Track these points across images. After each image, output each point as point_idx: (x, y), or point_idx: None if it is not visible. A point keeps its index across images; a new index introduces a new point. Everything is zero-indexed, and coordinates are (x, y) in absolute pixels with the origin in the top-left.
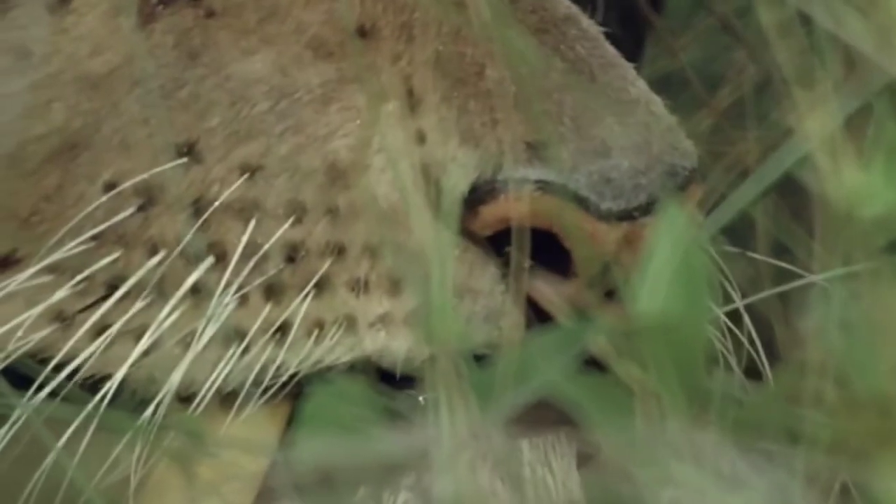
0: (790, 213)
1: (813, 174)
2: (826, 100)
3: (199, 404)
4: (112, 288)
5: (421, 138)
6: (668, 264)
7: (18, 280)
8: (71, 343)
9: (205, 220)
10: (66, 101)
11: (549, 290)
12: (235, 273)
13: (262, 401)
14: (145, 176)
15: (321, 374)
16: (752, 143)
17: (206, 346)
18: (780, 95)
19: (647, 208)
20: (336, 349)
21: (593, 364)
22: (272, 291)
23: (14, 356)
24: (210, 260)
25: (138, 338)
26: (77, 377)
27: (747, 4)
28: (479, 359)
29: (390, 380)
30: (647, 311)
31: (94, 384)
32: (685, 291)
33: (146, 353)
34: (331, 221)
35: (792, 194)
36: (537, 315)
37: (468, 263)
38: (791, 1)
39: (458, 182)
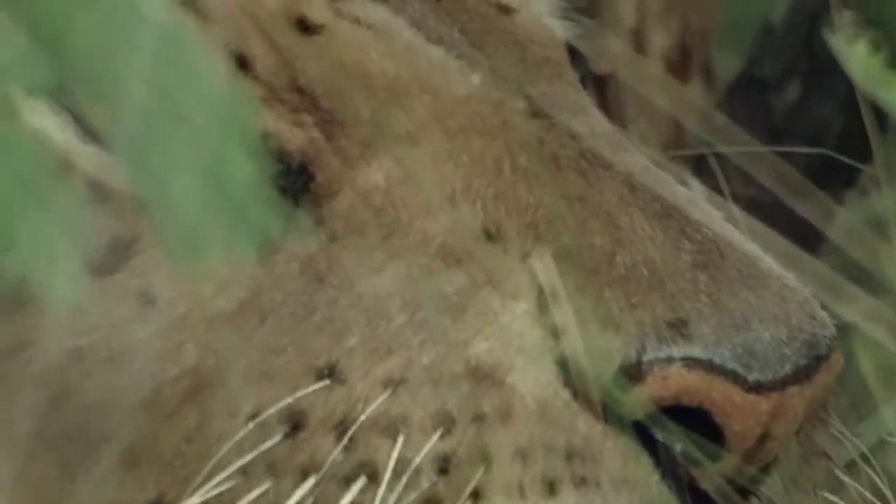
0: None
1: None
2: None
3: None
4: None
5: (560, 332)
6: None
7: None
8: None
9: (353, 440)
10: (197, 341)
11: (705, 471)
12: (389, 490)
13: None
14: (289, 400)
15: None
16: None
17: None
18: None
19: (793, 378)
20: None
21: None
22: None
23: None
24: (362, 480)
25: None
26: None
27: None
28: None
29: None
30: None
31: None
32: None
33: None
34: (479, 428)
35: None
36: (696, 497)
37: (620, 453)
38: None
39: (602, 370)
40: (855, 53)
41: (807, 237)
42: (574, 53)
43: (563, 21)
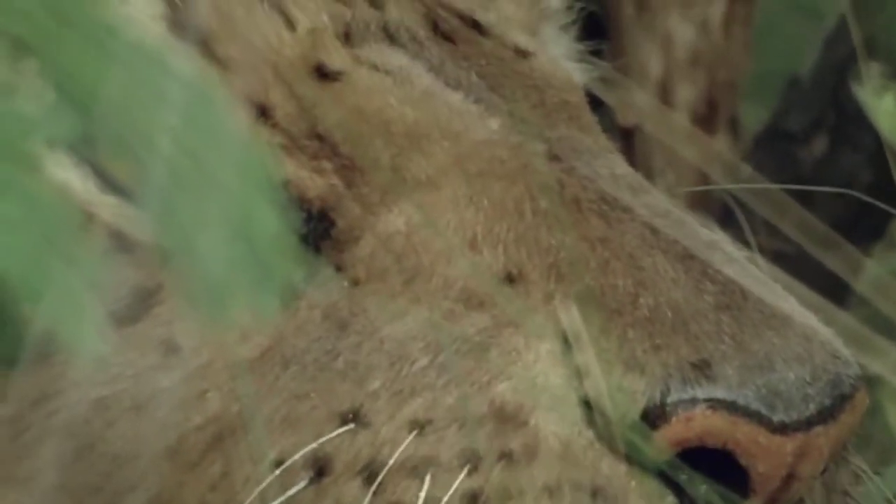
0: None
1: None
2: None
3: None
4: None
5: (584, 372)
6: None
7: None
8: None
9: (380, 483)
10: (221, 389)
11: None
12: None
13: None
14: (314, 446)
15: None
16: None
17: None
18: None
19: (818, 418)
20: None
21: None
22: None
23: None
24: None
25: None
26: None
27: None
28: None
29: None
30: None
31: None
32: None
33: None
34: (506, 465)
35: None
36: None
37: (645, 493)
38: None
39: (627, 411)
40: (882, 106)
41: (834, 290)
42: (598, 104)
43: (580, 64)
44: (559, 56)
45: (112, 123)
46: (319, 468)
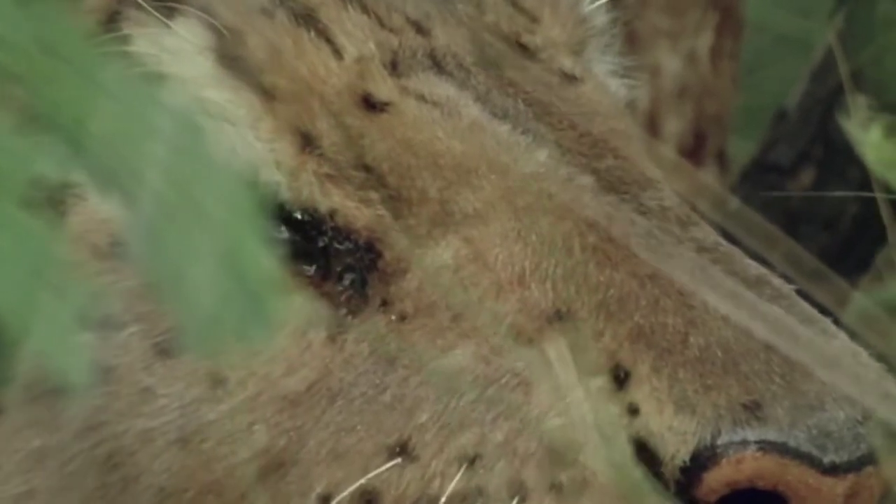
0: None
1: None
2: None
3: None
4: None
5: (634, 411)
6: None
7: None
8: None
9: None
10: (268, 422)
11: None
12: None
13: None
14: (362, 481)
15: None
16: None
17: None
18: None
19: (870, 458)
20: None
21: None
22: None
23: None
24: None
25: None
26: None
27: None
28: None
29: None
30: None
31: None
32: None
33: None
34: (556, 497)
35: None
36: None
37: None
38: None
39: (678, 451)
40: (869, 138)
41: None
42: None
43: (624, 80)
44: (604, 73)
45: (103, 157)
46: (369, 501)
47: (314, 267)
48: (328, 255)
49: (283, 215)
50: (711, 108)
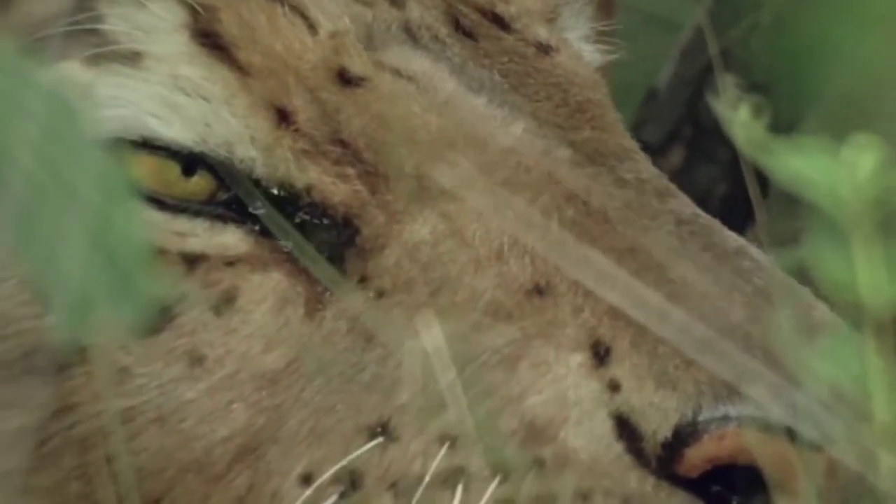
0: None
1: None
2: None
3: None
4: None
5: (615, 387)
6: None
7: None
8: None
9: (411, 496)
10: (246, 400)
11: None
12: None
13: None
14: (344, 462)
15: None
16: None
17: None
18: None
19: (851, 434)
20: None
21: None
22: None
23: None
24: None
25: None
26: None
27: None
28: None
29: None
30: None
31: None
32: None
33: None
34: (538, 473)
35: None
36: None
37: None
38: None
39: (659, 427)
40: (738, 118)
41: None
42: None
43: (597, 45)
44: (578, 38)
45: None
46: (350, 482)
47: (291, 243)
48: (305, 231)
49: (259, 191)
50: None
